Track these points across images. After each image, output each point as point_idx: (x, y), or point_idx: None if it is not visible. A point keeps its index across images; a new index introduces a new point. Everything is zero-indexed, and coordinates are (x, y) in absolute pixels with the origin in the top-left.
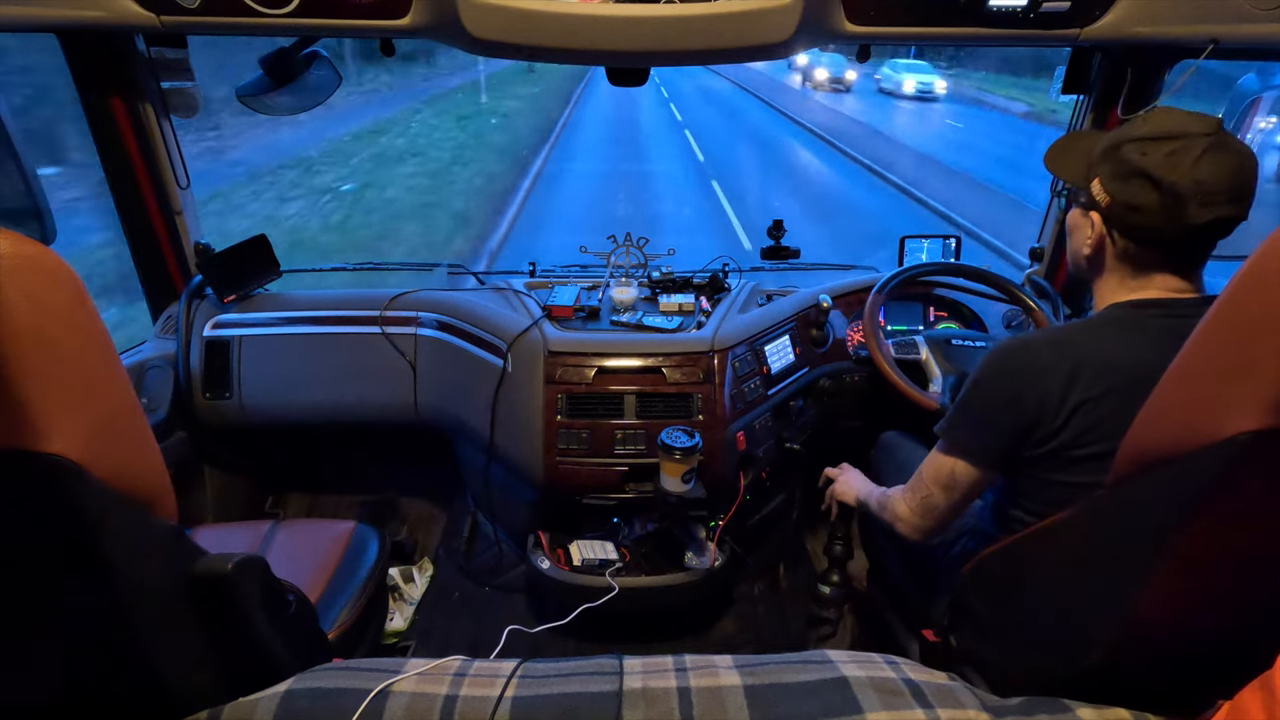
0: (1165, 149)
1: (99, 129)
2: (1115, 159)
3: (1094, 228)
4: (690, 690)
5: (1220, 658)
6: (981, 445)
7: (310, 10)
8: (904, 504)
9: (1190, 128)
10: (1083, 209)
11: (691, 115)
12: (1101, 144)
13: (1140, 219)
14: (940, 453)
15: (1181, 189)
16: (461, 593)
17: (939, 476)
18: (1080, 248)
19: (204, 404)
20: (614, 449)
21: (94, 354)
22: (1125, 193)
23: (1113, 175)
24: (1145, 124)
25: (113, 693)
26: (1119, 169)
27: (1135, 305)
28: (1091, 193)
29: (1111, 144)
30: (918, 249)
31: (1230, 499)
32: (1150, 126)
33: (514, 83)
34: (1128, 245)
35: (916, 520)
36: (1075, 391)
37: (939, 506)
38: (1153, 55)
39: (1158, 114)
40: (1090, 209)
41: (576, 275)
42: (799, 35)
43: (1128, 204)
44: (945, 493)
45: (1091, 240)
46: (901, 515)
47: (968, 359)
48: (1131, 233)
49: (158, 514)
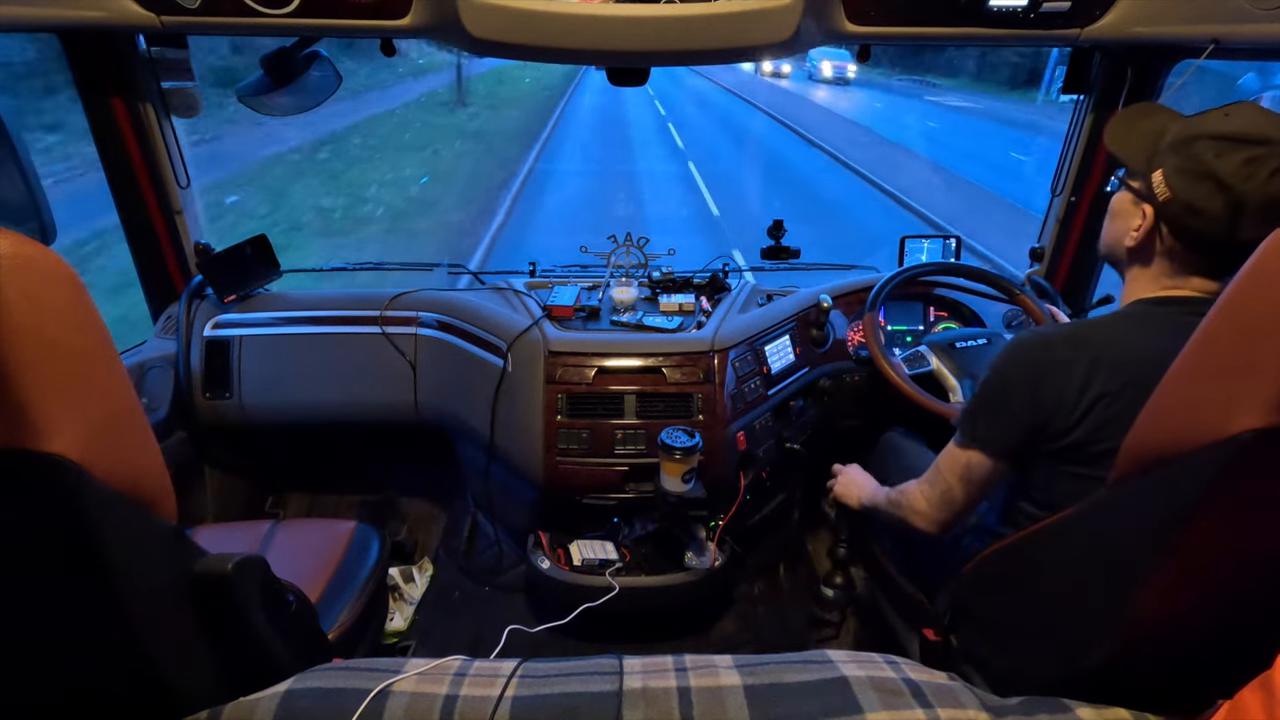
0: (1244, 154)
1: (99, 129)
2: (1186, 153)
3: (1145, 220)
4: (690, 690)
5: (1220, 658)
6: (998, 438)
7: (310, 10)
8: (922, 498)
9: (1275, 134)
10: (1135, 197)
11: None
12: (1174, 132)
13: (1199, 224)
14: (957, 446)
15: (1250, 201)
16: (461, 593)
17: (955, 468)
18: (1122, 237)
19: (204, 404)
20: (614, 449)
21: (94, 354)
22: (1190, 193)
23: (1180, 170)
24: (1229, 120)
25: (113, 693)
26: (1188, 165)
27: (1161, 302)
28: (1151, 183)
29: (1186, 136)
30: (918, 249)
31: (1232, 498)
32: (1232, 125)
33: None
34: (1175, 245)
35: (934, 514)
36: (1094, 386)
37: (957, 499)
38: (1153, 55)
39: (1244, 112)
40: (1145, 200)
41: (577, 275)
42: (799, 35)
43: (1189, 205)
44: (963, 485)
45: (1140, 233)
46: (919, 509)
47: (975, 359)
48: (1183, 234)
49: (158, 514)
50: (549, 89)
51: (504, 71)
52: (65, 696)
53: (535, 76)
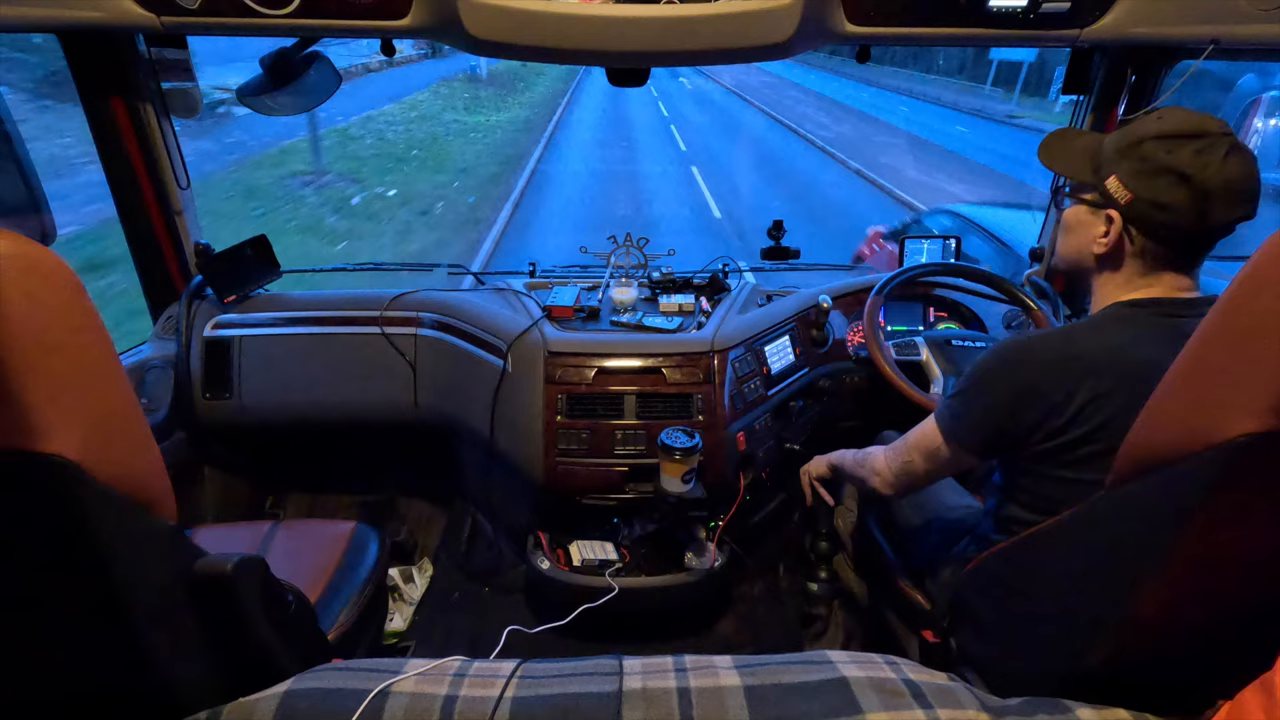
0: (1192, 147)
1: (99, 129)
2: (1135, 156)
3: (1111, 225)
4: (690, 690)
5: (1220, 658)
6: (972, 432)
7: (310, 10)
8: (884, 462)
9: (1209, 127)
10: (1091, 206)
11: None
12: (1114, 141)
13: (1167, 217)
14: (930, 426)
15: (1211, 187)
16: (461, 593)
17: (924, 446)
18: (1087, 246)
19: (204, 404)
20: (614, 449)
21: (93, 354)
22: (1152, 190)
23: (1135, 173)
24: (1162, 121)
25: (113, 693)
26: (1142, 166)
27: (1137, 304)
28: (1108, 190)
29: (1128, 141)
30: (917, 250)
31: (1230, 502)
32: (1169, 124)
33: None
34: (1145, 243)
35: (891, 479)
36: (1083, 388)
37: (917, 473)
38: (1153, 55)
39: (1174, 112)
40: (1104, 206)
41: (576, 276)
42: (799, 35)
43: (1155, 201)
44: (925, 462)
45: (1109, 238)
46: (879, 470)
47: (968, 359)
48: (1153, 230)
49: (157, 514)
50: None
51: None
52: (65, 696)
53: (451, 119)
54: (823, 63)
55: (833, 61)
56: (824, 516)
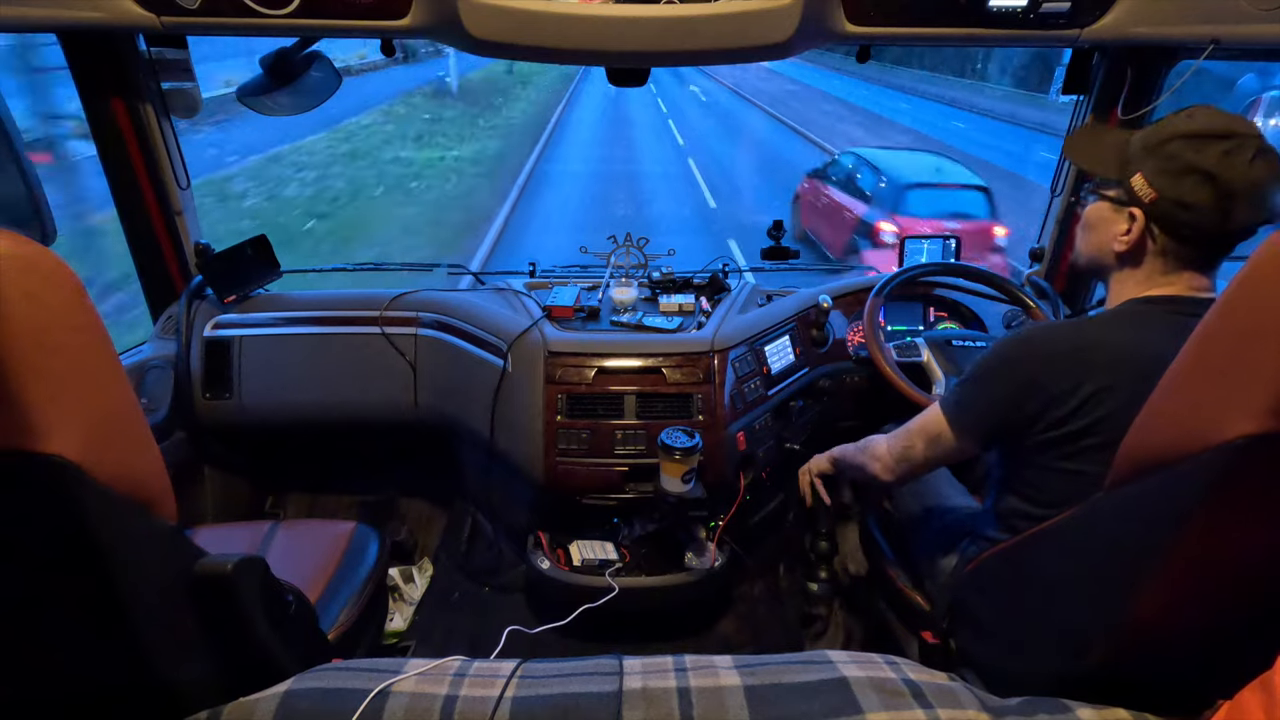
0: (1220, 147)
1: (99, 129)
2: (1162, 155)
3: (1134, 223)
4: (690, 690)
5: (1220, 658)
6: (979, 421)
7: (310, 11)
8: (885, 448)
9: (1238, 128)
10: (1115, 204)
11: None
12: (1142, 139)
13: (1191, 216)
14: (936, 413)
15: (1237, 189)
16: (461, 593)
17: (928, 432)
18: (1108, 243)
19: (204, 404)
20: (614, 449)
21: (93, 354)
22: (1177, 189)
23: (1161, 171)
24: (1192, 121)
25: (113, 693)
26: (1169, 165)
27: (1152, 301)
28: (1132, 188)
29: (1155, 139)
30: (917, 250)
31: (1229, 503)
32: (1198, 124)
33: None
34: (1167, 242)
35: (891, 463)
36: (1090, 381)
37: (916, 459)
38: (1153, 55)
39: (1203, 111)
40: (1128, 204)
41: (576, 275)
42: (799, 36)
43: (1179, 201)
44: (927, 449)
45: (1131, 236)
46: (879, 455)
47: (968, 359)
48: (1176, 230)
49: (157, 514)
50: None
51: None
52: (65, 696)
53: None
54: (853, 66)
55: (869, 66)
56: (824, 516)
